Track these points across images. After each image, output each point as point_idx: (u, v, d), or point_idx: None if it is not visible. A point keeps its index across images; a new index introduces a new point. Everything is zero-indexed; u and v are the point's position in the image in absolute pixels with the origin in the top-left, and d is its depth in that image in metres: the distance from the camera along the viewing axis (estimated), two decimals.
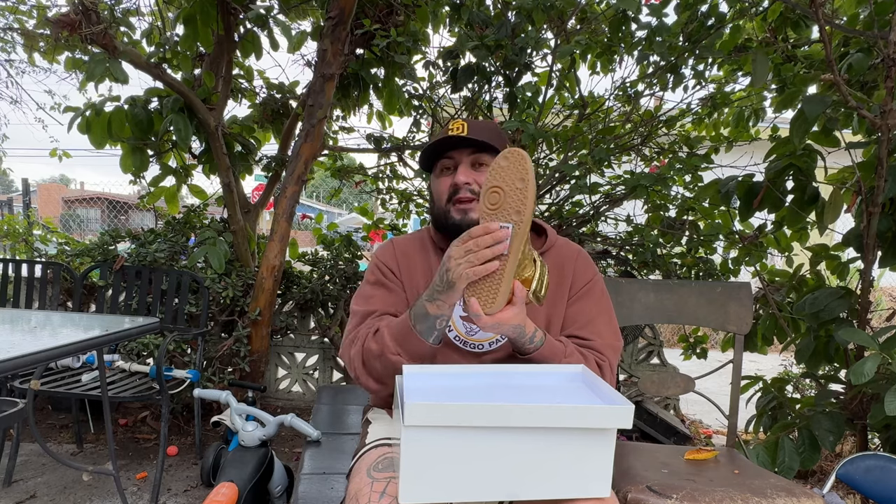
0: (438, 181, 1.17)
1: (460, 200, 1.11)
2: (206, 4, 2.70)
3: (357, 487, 0.98)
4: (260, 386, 1.91)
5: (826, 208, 2.19)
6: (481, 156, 1.13)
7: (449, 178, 1.14)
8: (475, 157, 1.13)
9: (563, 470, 0.83)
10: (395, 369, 1.03)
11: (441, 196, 1.15)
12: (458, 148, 1.13)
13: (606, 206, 2.93)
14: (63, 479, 2.31)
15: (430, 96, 3.01)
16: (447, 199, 1.13)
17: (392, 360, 1.03)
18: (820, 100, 1.90)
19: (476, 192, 1.11)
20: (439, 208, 1.16)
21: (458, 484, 0.82)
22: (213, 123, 2.76)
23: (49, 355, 1.22)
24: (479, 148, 1.12)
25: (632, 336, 3.19)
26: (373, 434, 1.16)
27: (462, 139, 1.10)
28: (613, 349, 1.13)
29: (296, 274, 3.20)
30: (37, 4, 3.25)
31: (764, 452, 1.98)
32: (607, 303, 1.19)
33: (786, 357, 3.36)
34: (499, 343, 1.12)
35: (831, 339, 2.14)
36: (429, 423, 0.79)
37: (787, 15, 2.43)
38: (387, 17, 2.79)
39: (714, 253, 2.77)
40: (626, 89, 2.82)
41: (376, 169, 3.33)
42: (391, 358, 1.03)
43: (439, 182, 1.16)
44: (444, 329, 1.03)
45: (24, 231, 3.66)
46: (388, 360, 1.03)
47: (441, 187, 1.15)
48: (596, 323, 1.14)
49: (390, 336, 1.04)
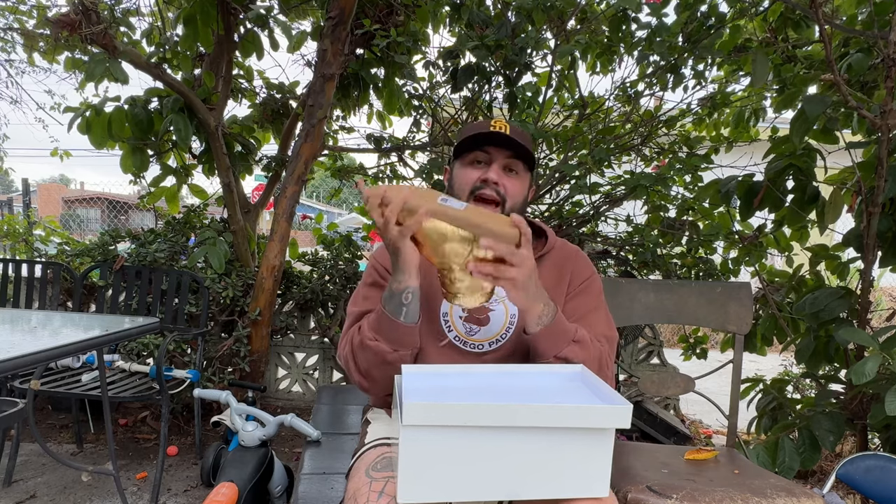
0: (465, 171, 1.14)
1: (482, 198, 1.11)
2: (206, 4, 2.70)
3: (356, 487, 0.98)
4: (260, 386, 1.91)
5: (826, 208, 2.19)
6: (516, 162, 1.12)
7: (479, 170, 1.12)
8: (510, 162, 1.12)
9: (561, 469, 0.83)
10: (377, 358, 1.03)
11: (465, 186, 1.13)
12: (498, 145, 1.11)
13: (606, 206, 2.93)
14: (63, 479, 2.31)
15: (430, 96, 3.01)
16: (470, 190, 1.12)
17: (371, 346, 1.03)
18: (820, 100, 1.90)
19: (502, 195, 1.10)
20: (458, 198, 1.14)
21: (457, 484, 0.82)
22: (213, 123, 2.76)
23: (49, 355, 1.22)
24: (516, 154, 1.11)
25: (632, 336, 3.19)
26: (372, 434, 1.16)
27: (506, 138, 1.09)
28: (609, 339, 1.13)
29: (296, 274, 3.20)
30: (37, 4, 3.25)
31: (764, 452, 1.98)
32: (603, 300, 1.20)
33: (786, 357, 3.36)
34: (499, 343, 1.12)
35: (831, 339, 2.14)
36: (427, 423, 0.79)
37: (788, 15, 2.43)
38: (387, 17, 2.79)
39: (714, 253, 2.77)
40: (626, 89, 2.82)
41: (376, 169, 3.33)
42: (370, 345, 1.03)
43: (466, 172, 1.14)
44: (412, 304, 1.01)
45: (24, 231, 3.66)
46: (368, 347, 1.03)
47: (467, 177, 1.13)
48: (590, 317, 1.14)
49: (368, 325, 1.05)
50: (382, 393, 1.12)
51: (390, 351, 1.02)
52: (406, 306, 1.01)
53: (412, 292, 1.00)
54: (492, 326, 1.12)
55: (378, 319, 1.03)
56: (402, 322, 1.01)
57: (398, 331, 1.02)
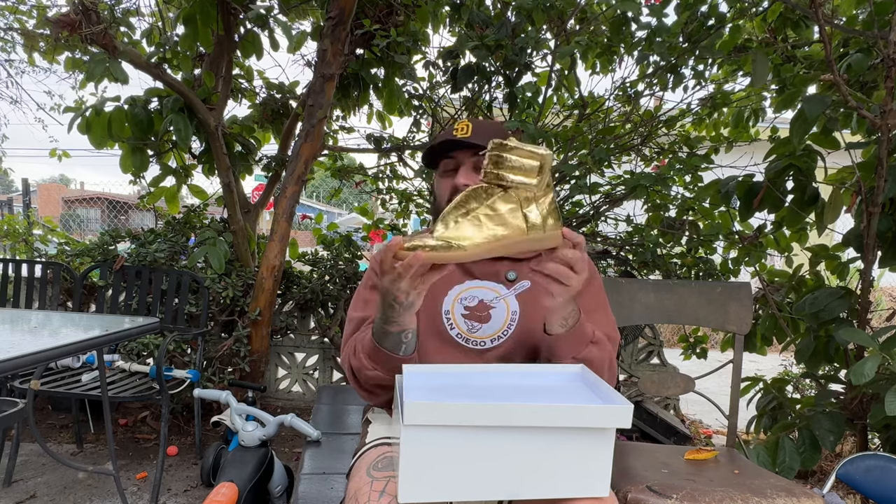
0: (441, 181, 1.16)
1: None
2: (206, 4, 2.70)
3: (357, 486, 0.98)
4: (260, 386, 1.91)
5: (826, 208, 2.19)
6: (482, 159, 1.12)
7: (450, 179, 1.13)
8: (477, 160, 1.11)
9: (562, 469, 0.83)
10: (379, 383, 1.03)
11: (442, 197, 1.15)
12: (461, 149, 1.12)
13: (606, 206, 2.93)
14: (63, 479, 2.31)
15: (430, 96, 3.01)
16: (448, 200, 1.12)
17: (371, 375, 1.02)
18: (820, 100, 1.90)
19: None
20: (440, 209, 1.15)
21: (458, 483, 0.82)
22: (213, 123, 2.76)
23: (49, 355, 1.22)
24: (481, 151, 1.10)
25: (632, 336, 3.19)
26: (373, 433, 1.16)
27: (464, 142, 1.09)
28: (612, 340, 1.13)
29: (296, 274, 3.20)
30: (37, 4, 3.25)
31: (764, 452, 1.98)
32: (605, 299, 1.19)
33: (786, 357, 3.36)
34: (501, 340, 1.11)
35: (831, 339, 2.14)
36: (428, 423, 0.79)
37: (787, 15, 2.43)
38: (387, 17, 2.79)
39: (714, 253, 2.77)
40: (626, 89, 2.82)
41: (376, 169, 3.33)
42: (370, 374, 1.02)
43: (441, 182, 1.16)
44: (411, 341, 1.00)
45: (24, 231, 3.66)
46: (368, 375, 1.03)
47: (442, 188, 1.15)
48: (593, 317, 1.13)
49: (364, 354, 1.03)
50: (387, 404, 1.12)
51: (390, 378, 1.01)
52: (405, 344, 0.99)
53: (411, 331, 0.98)
54: (493, 323, 1.11)
55: (375, 354, 1.00)
56: (401, 356, 1.00)
57: (395, 362, 1.00)
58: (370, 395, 1.09)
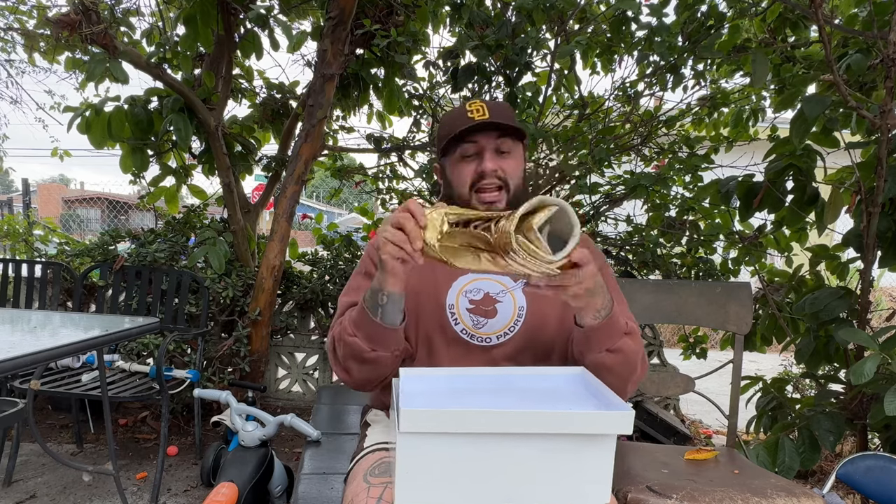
0: (459, 168, 1.10)
1: (485, 189, 1.07)
2: (207, 4, 2.70)
3: (354, 492, 0.97)
4: (260, 386, 1.91)
5: (826, 208, 2.19)
6: (504, 141, 1.08)
7: (473, 164, 1.08)
8: (500, 143, 1.07)
9: (562, 476, 0.81)
10: (354, 353, 1.01)
11: (463, 183, 1.09)
12: (482, 132, 1.07)
13: (606, 206, 2.93)
14: (63, 479, 2.31)
15: (430, 96, 3.01)
16: (470, 186, 1.08)
17: (349, 342, 1.00)
18: (819, 100, 1.90)
19: (503, 179, 1.07)
20: (460, 196, 1.10)
21: (455, 490, 0.81)
22: (213, 123, 2.76)
23: (49, 355, 1.22)
24: (503, 133, 1.07)
25: None
26: (371, 438, 1.15)
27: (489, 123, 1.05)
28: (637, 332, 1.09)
29: (296, 274, 3.20)
30: (37, 4, 3.25)
31: (764, 452, 1.97)
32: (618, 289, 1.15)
33: (786, 357, 3.36)
34: (507, 336, 1.08)
35: (831, 339, 2.14)
36: (424, 430, 0.78)
37: (787, 15, 2.43)
38: (387, 17, 2.79)
39: (714, 253, 2.77)
40: (626, 89, 2.82)
41: (376, 169, 3.33)
42: (348, 340, 1.01)
43: (461, 168, 1.09)
44: (387, 307, 0.97)
45: (24, 231, 3.66)
46: (346, 341, 1.01)
47: (464, 174, 1.09)
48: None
49: (349, 318, 1.02)
50: (359, 387, 1.09)
51: (368, 350, 0.99)
52: (381, 307, 0.97)
53: (388, 296, 0.96)
54: (499, 319, 1.08)
55: (359, 315, 1.00)
56: (379, 322, 0.98)
57: (375, 329, 0.98)
58: (344, 371, 1.06)
